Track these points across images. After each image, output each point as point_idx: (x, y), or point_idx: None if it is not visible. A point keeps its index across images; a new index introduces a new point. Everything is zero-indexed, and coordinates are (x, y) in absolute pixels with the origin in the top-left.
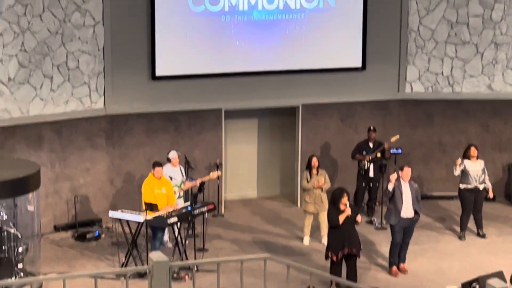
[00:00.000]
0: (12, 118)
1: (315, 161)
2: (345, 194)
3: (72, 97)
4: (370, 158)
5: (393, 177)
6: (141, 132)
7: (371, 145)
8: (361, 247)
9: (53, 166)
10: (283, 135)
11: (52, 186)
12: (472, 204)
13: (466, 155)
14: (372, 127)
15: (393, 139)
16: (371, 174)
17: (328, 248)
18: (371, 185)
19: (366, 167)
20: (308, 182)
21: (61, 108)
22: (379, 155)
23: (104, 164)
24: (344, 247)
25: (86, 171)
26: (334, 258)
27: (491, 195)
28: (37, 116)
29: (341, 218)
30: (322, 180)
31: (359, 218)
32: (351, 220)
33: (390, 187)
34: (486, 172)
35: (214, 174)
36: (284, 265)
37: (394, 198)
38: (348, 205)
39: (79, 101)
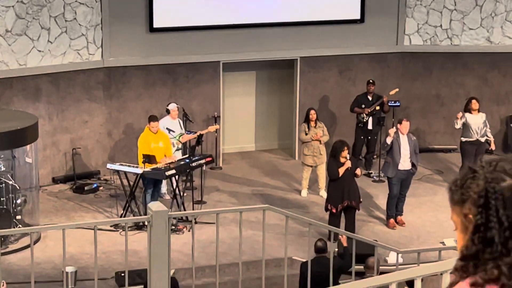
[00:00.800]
0: (9, 70)
1: (313, 114)
2: (345, 147)
3: (69, 49)
4: (369, 111)
5: (392, 131)
6: (139, 85)
7: (370, 98)
8: (361, 200)
9: (51, 118)
10: (281, 87)
11: (50, 138)
12: (472, 157)
13: (467, 108)
14: (371, 80)
15: (392, 92)
16: (370, 126)
17: (327, 200)
18: (369, 138)
19: (364, 120)
20: (306, 134)
21: (58, 60)
22: (378, 108)
23: (102, 116)
24: (343, 200)
25: (84, 123)
26: (334, 210)
27: (493, 147)
28: (34, 68)
29: (341, 171)
30: (320, 132)
31: (358, 171)
32: (350, 173)
33: (389, 140)
34: (488, 125)
35: (212, 128)
36: (282, 217)
37: (392, 151)
38: (348, 157)
39: (76, 53)
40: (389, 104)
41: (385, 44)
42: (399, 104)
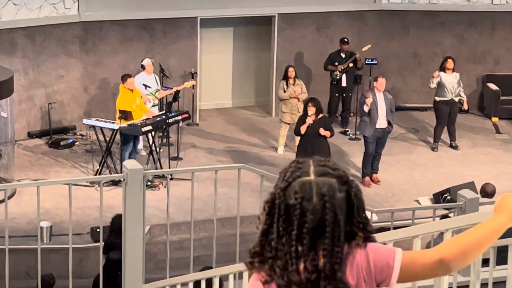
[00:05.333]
0: None
1: (291, 71)
2: (309, 103)
3: (45, 2)
4: (342, 68)
5: (369, 101)
6: (116, 40)
7: (343, 55)
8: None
9: (27, 72)
10: (259, 44)
11: (25, 92)
12: (446, 116)
13: (442, 67)
14: (346, 39)
15: (365, 48)
16: (344, 84)
17: (295, 156)
18: (344, 95)
19: (338, 78)
20: (284, 92)
21: (34, 13)
22: (351, 65)
23: (78, 71)
24: (306, 157)
25: (59, 78)
26: None
27: (466, 107)
28: (10, 22)
29: (302, 128)
30: (298, 90)
31: (321, 131)
32: (315, 131)
33: (366, 109)
34: (462, 85)
35: (188, 84)
36: (258, 175)
37: (369, 110)
38: (310, 115)
39: (52, 7)
40: (366, 62)
41: (363, 1)
42: (376, 62)
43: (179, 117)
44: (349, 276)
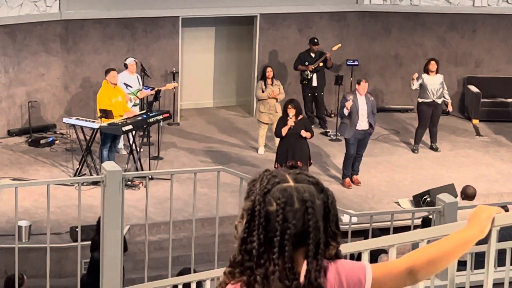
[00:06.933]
0: None
1: (269, 71)
2: (289, 105)
3: (26, 0)
4: (313, 67)
5: (349, 104)
6: (97, 38)
7: (312, 55)
8: (311, 161)
9: (7, 70)
10: (241, 44)
11: (5, 91)
12: (428, 118)
13: (425, 69)
14: (316, 40)
15: (335, 47)
16: (314, 83)
17: (275, 158)
18: (316, 94)
19: (309, 77)
20: (263, 92)
21: (15, 11)
22: (321, 64)
23: (58, 69)
24: (287, 159)
25: (40, 76)
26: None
27: (450, 108)
28: None
29: (284, 130)
30: (277, 90)
31: (303, 133)
32: (295, 133)
33: (346, 112)
34: (445, 86)
35: (170, 85)
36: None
37: (349, 112)
38: (291, 116)
39: (33, 5)
40: (347, 63)
41: (345, 2)
42: (357, 63)
43: (160, 117)
44: None
